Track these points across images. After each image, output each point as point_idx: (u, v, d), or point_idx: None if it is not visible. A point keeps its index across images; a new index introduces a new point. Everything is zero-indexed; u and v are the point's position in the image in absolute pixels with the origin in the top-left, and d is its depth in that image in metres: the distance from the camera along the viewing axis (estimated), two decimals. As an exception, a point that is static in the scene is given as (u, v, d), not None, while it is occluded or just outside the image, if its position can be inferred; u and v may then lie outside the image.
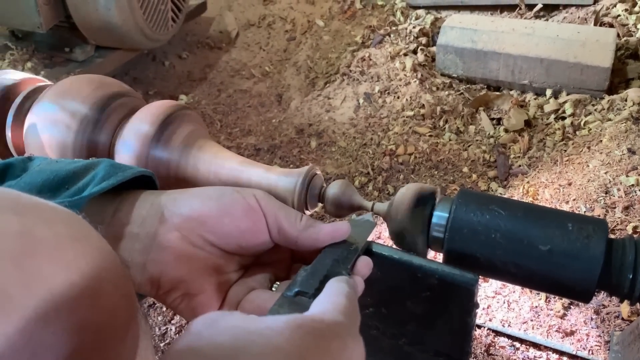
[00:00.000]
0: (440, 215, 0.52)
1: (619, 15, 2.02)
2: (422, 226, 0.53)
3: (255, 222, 0.45)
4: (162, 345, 1.11)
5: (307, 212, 0.59)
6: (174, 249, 0.42)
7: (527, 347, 1.06)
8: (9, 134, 0.70)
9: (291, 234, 0.45)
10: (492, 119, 1.77)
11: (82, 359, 0.27)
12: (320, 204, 0.60)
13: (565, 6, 2.16)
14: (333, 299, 0.36)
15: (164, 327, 1.13)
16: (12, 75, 0.76)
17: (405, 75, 1.89)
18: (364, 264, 0.46)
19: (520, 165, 1.57)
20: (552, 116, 1.71)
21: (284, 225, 0.45)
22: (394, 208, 0.55)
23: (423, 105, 1.79)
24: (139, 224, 0.43)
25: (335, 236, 0.46)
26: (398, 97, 1.84)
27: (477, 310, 0.52)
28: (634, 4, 2.03)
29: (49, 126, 0.64)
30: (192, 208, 0.43)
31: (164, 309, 1.16)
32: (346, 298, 0.36)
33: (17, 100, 0.71)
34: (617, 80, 1.79)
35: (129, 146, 0.62)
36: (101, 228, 0.43)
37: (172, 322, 1.14)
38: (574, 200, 1.33)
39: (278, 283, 0.47)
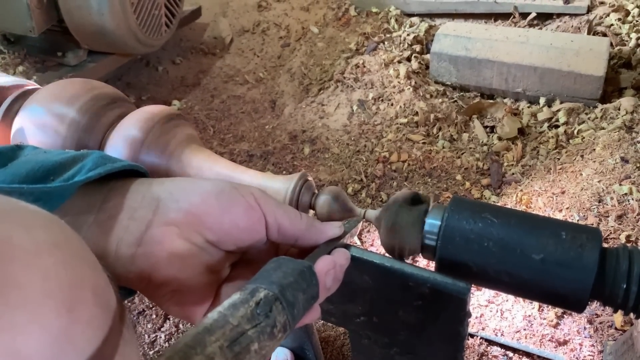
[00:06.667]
0: (432, 223, 0.51)
1: (612, 25, 2.03)
2: (415, 221, 0.52)
3: (254, 221, 0.43)
4: (151, 353, 1.09)
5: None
6: (169, 245, 0.41)
7: (520, 356, 1.06)
8: (-5, 137, 0.69)
9: (292, 233, 0.44)
10: (485, 127, 1.77)
11: None
12: (312, 211, 0.59)
13: (559, 15, 2.17)
14: None
15: (154, 335, 1.12)
16: (0, 79, 0.75)
17: (399, 82, 1.89)
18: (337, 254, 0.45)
19: (513, 174, 1.57)
20: (546, 124, 1.71)
21: (285, 225, 0.44)
22: (385, 212, 0.54)
23: (417, 112, 1.78)
24: (129, 215, 0.41)
25: (334, 234, 0.46)
26: (392, 105, 1.84)
27: (469, 320, 0.51)
28: (627, 14, 2.04)
29: (36, 130, 0.63)
30: (192, 204, 0.41)
31: (154, 316, 1.15)
32: None
33: (5, 104, 0.69)
34: (611, 89, 1.80)
35: (118, 151, 0.61)
36: (88, 219, 0.42)
37: (162, 329, 1.13)
38: (567, 208, 1.33)
39: None
